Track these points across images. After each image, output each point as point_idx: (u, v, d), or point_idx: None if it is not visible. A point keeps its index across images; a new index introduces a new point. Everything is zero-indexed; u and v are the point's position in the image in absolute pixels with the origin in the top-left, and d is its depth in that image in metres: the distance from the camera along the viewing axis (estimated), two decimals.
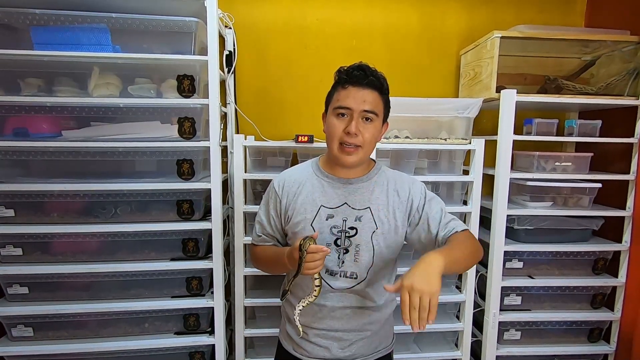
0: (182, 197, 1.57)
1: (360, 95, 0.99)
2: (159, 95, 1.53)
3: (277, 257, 1.06)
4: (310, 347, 1.10)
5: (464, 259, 0.98)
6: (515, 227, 1.70)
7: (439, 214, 1.07)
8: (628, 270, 1.73)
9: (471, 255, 1.01)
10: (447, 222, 1.06)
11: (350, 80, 1.00)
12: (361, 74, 0.99)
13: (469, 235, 1.05)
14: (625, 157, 1.71)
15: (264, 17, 1.86)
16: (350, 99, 0.99)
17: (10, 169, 1.51)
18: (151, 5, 1.45)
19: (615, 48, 1.72)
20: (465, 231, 1.05)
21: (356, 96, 0.99)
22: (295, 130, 1.76)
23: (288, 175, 1.12)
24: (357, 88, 1.00)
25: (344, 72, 1.02)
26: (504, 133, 1.61)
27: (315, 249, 0.93)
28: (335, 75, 1.05)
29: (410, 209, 1.08)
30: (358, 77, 0.99)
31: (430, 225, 1.06)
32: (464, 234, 1.04)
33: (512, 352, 1.75)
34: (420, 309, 0.84)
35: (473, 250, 1.02)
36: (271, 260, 1.12)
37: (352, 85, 1.00)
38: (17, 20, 1.40)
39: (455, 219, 1.08)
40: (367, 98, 1.00)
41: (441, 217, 1.07)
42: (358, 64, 1.02)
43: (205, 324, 1.65)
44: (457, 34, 1.96)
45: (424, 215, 1.07)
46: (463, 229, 1.05)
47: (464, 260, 0.98)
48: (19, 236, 1.51)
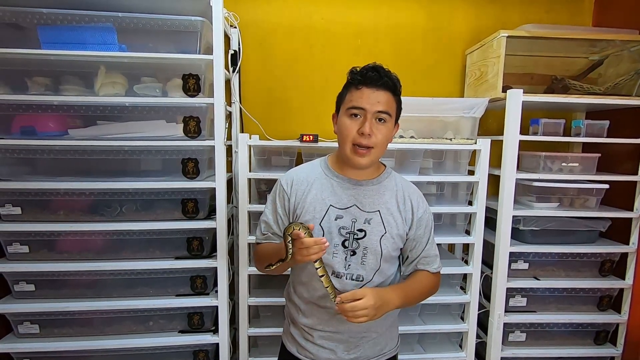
0: (187, 196, 1.57)
1: (374, 96, 0.99)
2: (164, 94, 1.53)
3: (278, 252, 1.04)
4: (315, 349, 1.10)
5: (414, 300, 1.12)
6: (521, 228, 1.69)
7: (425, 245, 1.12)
8: (635, 272, 1.71)
9: (422, 298, 1.15)
10: (427, 256, 1.13)
11: (364, 81, 1.00)
12: (375, 75, 0.99)
13: (435, 280, 1.15)
14: (633, 157, 1.69)
15: (269, 16, 1.87)
16: (364, 99, 0.99)
17: (18, 167, 1.52)
18: (157, 5, 1.46)
19: (624, 48, 1.70)
20: (435, 274, 1.15)
21: (370, 97, 0.99)
22: (300, 129, 1.76)
23: (296, 174, 1.11)
24: (371, 89, 1.00)
25: (358, 73, 1.02)
26: (510, 133, 1.60)
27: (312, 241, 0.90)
28: (348, 76, 1.04)
29: (412, 221, 1.10)
30: (372, 78, 0.99)
31: (414, 249, 1.12)
32: (431, 277, 1.13)
33: (517, 353, 1.74)
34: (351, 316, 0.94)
35: (426, 293, 1.14)
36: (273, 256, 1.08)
37: (366, 86, 1.00)
38: (25, 20, 1.41)
39: (436, 256, 1.15)
40: (381, 99, 1.00)
41: (425, 248, 1.12)
42: (372, 65, 1.02)
43: (209, 322, 1.65)
44: (463, 34, 1.95)
45: (417, 237, 1.11)
46: (435, 271, 1.14)
47: (414, 300, 1.12)
48: (26, 234, 1.52)
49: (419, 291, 1.11)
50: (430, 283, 1.13)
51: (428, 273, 1.12)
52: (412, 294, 1.09)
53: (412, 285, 1.10)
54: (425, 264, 1.12)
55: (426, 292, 1.14)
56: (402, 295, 1.04)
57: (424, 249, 1.11)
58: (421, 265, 1.12)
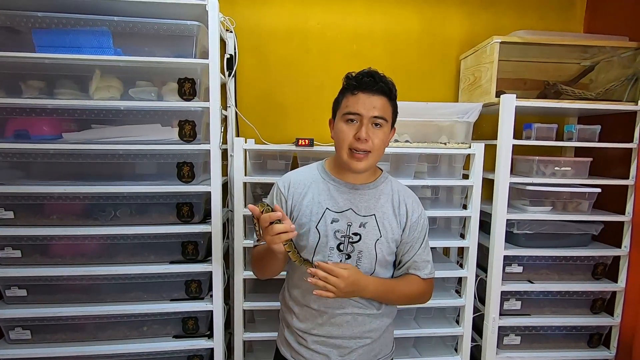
0: (182, 200, 1.57)
1: (369, 101, 1.00)
2: (160, 98, 1.53)
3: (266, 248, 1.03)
4: (308, 354, 1.09)
5: (396, 298, 1.11)
6: (514, 231, 1.70)
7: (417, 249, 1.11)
8: (628, 276, 1.73)
9: (406, 299, 1.13)
10: (420, 261, 1.11)
11: (359, 87, 1.01)
12: (371, 80, 1.00)
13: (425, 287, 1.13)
14: (624, 162, 1.71)
15: (266, 21, 1.87)
16: (360, 105, 1.00)
17: (11, 170, 1.51)
18: (153, 9, 1.46)
19: (614, 54, 1.73)
20: (425, 280, 1.12)
21: (366, 102, 1.00)
22: (296, 133, 1.77)
23: (294, 177, 1.12)
24: (367, 94, 1.00)
25: (353, 79, 1.02)
26: (504, 137, 1.62)
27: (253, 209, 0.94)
28: (344, 81, 1.05)
29: (406, 224, 1.10)
30: (368, 83, 1.00)
31: (407, 252, 1.11)
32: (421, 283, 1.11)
33: (511, 357, 1.75)
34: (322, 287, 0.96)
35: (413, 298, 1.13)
36: (263, 253, 1.09)
37: (361, 92, 1.00)
38: (19, 23, 1.41)
39: (429, 262, 1.13)
40: (377, 104, 1.00)
41: (417, 252, 1.11)
42: (367, 71, 1.02)
43: (204, 327, 1.64)
44: (457, 39, 1.97)
45: (411, 240, 1.10)
46: (426, 277, 1.12)
47: (395, 299, 1.11)
48: (18, 238, 1.50)
49: (403, 292, 1.10)
50: (418, 288, 1.11)
51: (418, 278, 1.11)
52: (395, 290, 1.09)
53: (397, 283, 1.10)
54: (416, 269, 1.11)
55: (412, 296, 1.12)
56: (381, 288, 1.05)
57: (416, 252, 1.10)
58: (412, 270, 1.11)
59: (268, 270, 1.12)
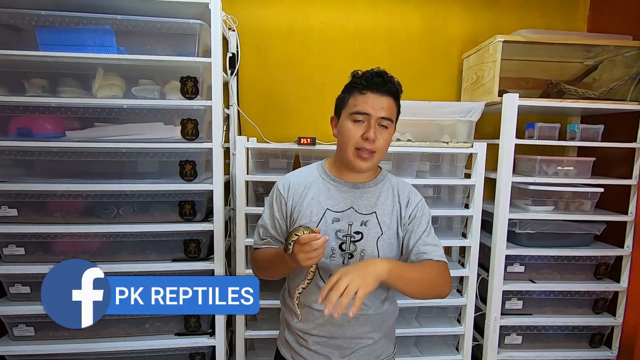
0: (184, 198, 1.57)
1: (378, 101, 0.99)
2: (162, 96, 1.53)
3: (278, 256, 1.02)
4: (309, 355, 1.08)
5: (416, 284, 0.96)
6: (516, 231, 1.70)
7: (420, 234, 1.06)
8: (630, 276, 1.73)
9: (429, 285, 0.99)
10: (425, 245, 1.04)
11: (369, 87, 1.00)
12: (380, 80, 0.99)
13: (439, 268, 1.02)
14: (627, 161, 1.71)
15: (268, 19, 1.87)
16: (369, 105, 0.99)
17: (14, 168, 1.51)
18: (156, 8, 1.46)
19: (618, 53, 1.72)
20: (439, 262, 1.03)
21: (374, 102, 0.99)
22: (298, 132, 1.77)
23: (293, 178, 1.11)
24: (376, 94, 0.99)
25: (363, 78, 1.01)
26: (506, 137, 1.61)
27: (308, 238, 0.87)
28: (352, 80, 1.04)
29: (405, 213, 1.08)
30: (377, 83, 0.99)
31: (410, 240, 1.06)
32: (434, 264, 1.02)
33: (513, 356, 1.75)
34: (344, 294, 0.82)
35: (434, 281, 1.00)
36: (272, 260, 1.07)
37: (370, 92, 1.00)
38: (23, 22, 1.41)
39: (437, 246, 1.06)
40: (385, 105, 1.00)
41: (421, 237, 1.05)
42: (377, 70, 1.01)
43: (205, 325, 1.65)
44: (459, 38, 1.96)
45: (411, 227, 1.07)
46: (438, 259, 1.03)
47: (416, 284, 0.96)
48: (22, 236, 1.51)
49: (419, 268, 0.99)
50: (439, 269, 1.01)
51: (431, 260, 1.02)
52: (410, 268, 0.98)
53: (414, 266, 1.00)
54: (426, 253, 1.03)
55: (433, 275, 0.99)
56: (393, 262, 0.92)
57: (420, 236, 1.06)
58: (422, 255, 1.03)
59: (273, 275, 1.10)
